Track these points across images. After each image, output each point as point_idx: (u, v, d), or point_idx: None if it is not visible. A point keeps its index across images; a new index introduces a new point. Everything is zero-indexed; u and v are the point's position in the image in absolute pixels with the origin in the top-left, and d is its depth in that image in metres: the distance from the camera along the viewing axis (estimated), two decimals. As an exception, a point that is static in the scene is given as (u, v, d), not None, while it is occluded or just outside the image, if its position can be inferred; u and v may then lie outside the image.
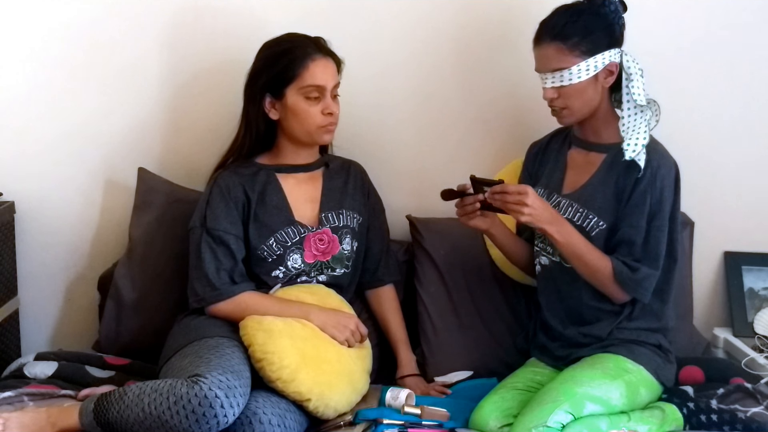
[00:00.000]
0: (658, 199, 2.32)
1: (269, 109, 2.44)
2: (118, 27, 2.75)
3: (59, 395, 2.35)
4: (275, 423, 2.10)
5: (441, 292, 2.66)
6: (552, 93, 2.35)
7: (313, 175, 2.54)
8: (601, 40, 2.32)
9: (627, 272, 2.31)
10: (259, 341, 2.22)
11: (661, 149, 2.39)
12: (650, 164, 2.31)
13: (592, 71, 2.31)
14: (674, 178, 2.37)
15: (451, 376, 2.54)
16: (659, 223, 2.32)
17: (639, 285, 2.31)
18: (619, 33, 2.36)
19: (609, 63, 2.33)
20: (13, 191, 2.78)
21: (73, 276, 2.87)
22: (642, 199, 2.32)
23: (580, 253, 2.32)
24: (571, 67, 2.31)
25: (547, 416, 2.08)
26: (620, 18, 2.36)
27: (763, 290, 2.83)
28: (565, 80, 2.32)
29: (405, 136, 2.82)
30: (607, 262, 2.32)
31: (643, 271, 2.31)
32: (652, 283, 2.33)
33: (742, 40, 2.77)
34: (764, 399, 2.32)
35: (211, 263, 2.38)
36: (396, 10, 2.73)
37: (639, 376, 2.27)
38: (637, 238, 2.32)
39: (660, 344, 2.36)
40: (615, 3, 2.35)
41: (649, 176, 2.31)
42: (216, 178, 2.48)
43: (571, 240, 2.31)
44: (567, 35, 2.31)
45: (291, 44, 2.42)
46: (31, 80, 2.78)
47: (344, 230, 2.52)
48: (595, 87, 2.34)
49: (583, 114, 2.38)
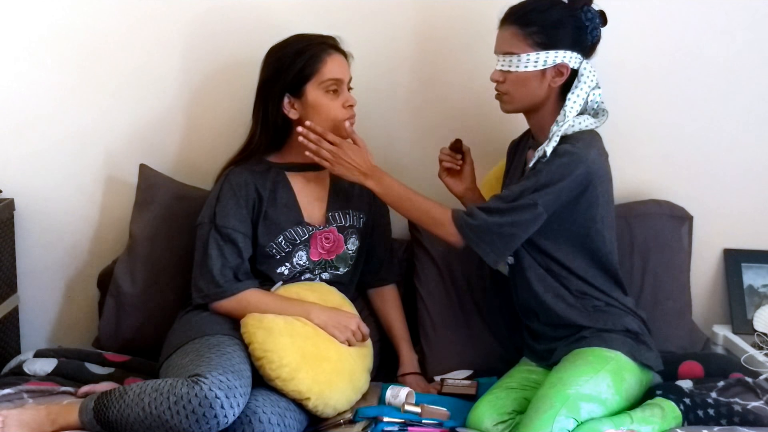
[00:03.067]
0: (540, 170, 2.26)
1: (288, 109, 2.44)
2: (120, 26, 2.75)
3: (59, 392, 2.35)
4: (275, 422, 2.10)
5: (440, 290, 2.66)
6: (498, 75, 2.36)
7: (320, 175, 2.54)
8: (561, 38, 2.30)
9: (464, 216, 2.31)
10: (260, 339, 2.23)
11: (583, 150, 2.28)
12: (556, 150, 2.27)
13: (540, 65, 2.30)
14: (575, 169, 2.26)
15: (452, 375, 2.54)
16: (525, 185, 2.27)
17: (471, 228, 2.29)
18: (587, 41, 2.33)
19: (560, 63, 2.30)
20: (12, 188, 2.79)
21: (72, 273, 2.88)
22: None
23: (404, 197, 2.38)
24: (521, 54, 2.30)
25: (549, 425, 2.08)
26: (595, 29, 2.33)
27: (762, 287, 2.84)
28: (512, 66, 2.32)
29: (404, 134, 2.83)
30: (442, 208, 2.35)
31: (479, 217, 2.29)
32: (486, 232, 2.28)
33: (741, 39, 2.77)
34: (764, 393, 2.33)
35: (217, 260, 2.38)
36: (397, 10, 2.74)
37: (619, 362, 2.26)
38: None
39: (627, 328, 2.34)
40: (594, 12, 2.33)
41: (549, 156, 2.27)
42: (227, 174, 2.48)
43: (391, 190, 2.38)
44: (527, 22, 2.31)
45: (305, 43, 2.43)
46: (32, 77, 2.78)
47: (350, 230, 2.53)
48: (540, 82, 2.32)
49: (523, 105, 2.38)
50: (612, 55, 2.71)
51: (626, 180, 2.77)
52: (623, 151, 2.77)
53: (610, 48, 2.70)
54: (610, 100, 2.72)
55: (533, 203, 2.25)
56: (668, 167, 2.82)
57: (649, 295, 2.68)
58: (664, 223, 2.74)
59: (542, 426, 2.08)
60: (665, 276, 2.71)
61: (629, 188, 2.79)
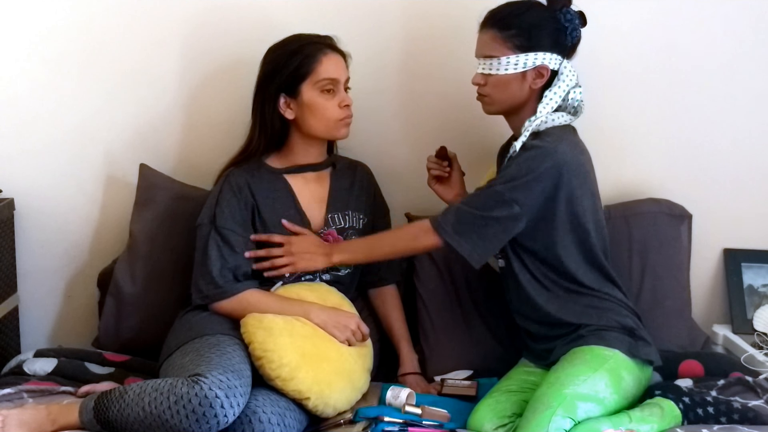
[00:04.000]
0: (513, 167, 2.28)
1: (284, 109, 2.44)
2: (119, 25, 2.75)
3: (59, 392, 2.35)
4: (275, 422, 2.10)
5: (440, 291, 2.66)
6: (479, 79, 2.39)
7: (320, 175, 2.54)
8: (540, 40, 2.32)
9: (439, 216, 2.32)
10: (259, 339, 2.23)
11: (551, 144, 2.28)
12: (525, 145, 2.29)
13: (521, 67, 2.32)
14: (542, 162, 2.26)
15: (451, 376, 2.54)
16: (494, 180, 2.30)
17: (447, 223, 2.29)
18: (567, 42, 2.35)
19: (540, 65, 2.32)
20: (13, 188, 2.79)
21: (72, 272, 2.88)
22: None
23: (373, 245, 2.44)
24: (501, 57, 2.32)
25: (546, 424, 2.08)
26: (575, 29, 2.35)
27: (762, 287, 2.84)
28: (493, 69, 2.34)
29: (403, 134, 2.83)
30: (414, 222, 2.40)
31: (451, 209, 2.32)
32: (456, 218, 2.29)
33: (741, 38, 2.76)
34: (764, 392, 2.33)
35: (216, 261, 2.38)
36: (398, 11, 2.74)
37: (617, 360, 2.26)
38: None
39: (622, 324, 2.34)
40: (573, 14, 2.34)
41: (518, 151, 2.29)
42: (227, 176, 2.48)
43: (358, 248, 2.44)
44: (506, 26, 2.32)
45: (301, 43, 2.43)
46: (32, 77, 2.78)
47: (349, 231, 2.53)
48: (521, 84, 2.34)
49: (503, 106, 2.40)
50: (611, 54, 2.72)
51: (625, 179, 2.78)
52: (622, 150, 2.78)
53: (610, 47, 2.71)
54: (609, 99, 2.74)
55: (509, 200, 2.26)
56: (667, 166, 2.82)
57: (648, 295, 2.67)
58: (664, 222, 2.74)
59: (539, 426, 2.08)
60: (665, 275, 2.70)
61: (628, 187, 2.79)
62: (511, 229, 2.30)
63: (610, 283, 2.42)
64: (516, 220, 2.29)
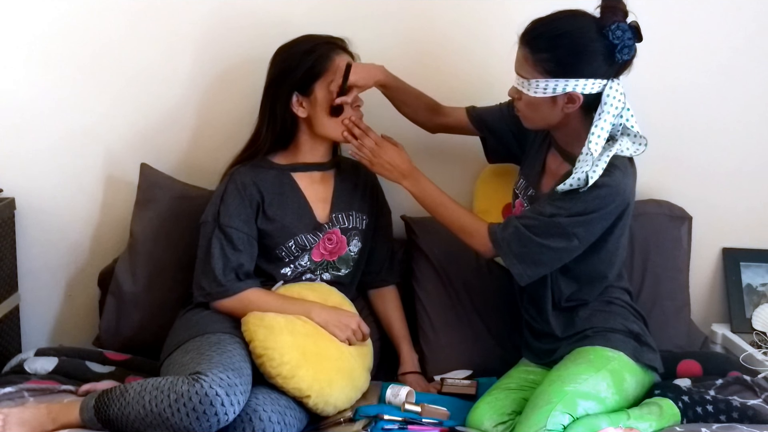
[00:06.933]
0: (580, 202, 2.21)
1: (297, 108, 2.44)
2: (121, 25, 2.75)
3: (59, 390, 2.35)
4: (275, 420, 2.10)
5: (438, 291, 2.66)
6: (514, 93, 2.29)
7: (325, 175, 2.55)
8: (574, 66, 2.17)
9: (499, 227, 2.30)
10: (260, 337, 2.23)
11: (620, 181, 2.22)
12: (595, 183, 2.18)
13: (550, 92, 2.18)
14: (612, 201, 2.22)
15: (451, 375, 2.55)
16: (559, 207, 2.22)
17: (505, 240, 2.27)
18: (616, 60, 2.18)
19: (571, 92, 2.18)
20: (13, 187, 2.79)
21: (73, 272, 2.88)
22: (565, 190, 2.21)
23: (439, 203, 2.37)
24: (530, 80, 2.20)
25: (544, 419, 2.08)
26: (625, 47, 2.16)
27: (761, 286, 2.84)
28: (524, 88, 2.23)
29: (400, 136, 2.82)
30: (479, 220, 2.34)
31: (512, 223, 2.28)
32: (515, 239, 2.26)
33: (741, 38, 2.77)
34: (763, 392, 2.34)
35: (219, 260, 2.38)
36: (400, 10, 2.75)
37: (621, 362, 2.26)
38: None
39: (629, 329, 2.35)
40: (624, 29, 2.17)
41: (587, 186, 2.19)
42: (232, 174, 2.48)
43: (427, 194, 2.38)
44: (537, 48, 2.19)
45: (314, 42, 2.44)
46: (33, 77, 2.78)
47: (353, 231, 2.54)
48: (551, 108, 2.22)
49: (538, 126, 2.32)
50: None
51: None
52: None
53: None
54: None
55: (570, 234, 2.22)
56: (667, 167, 2.82)
57: (648, 295, 2.68)
58: (664, 223, 2.75)
59: (538, 420, 2.09)
60: (664, 275, 2.71)
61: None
62: (565, 259, 2.29)
63: (621, 288, 2.43)
64: (572, 252, 2.27)
